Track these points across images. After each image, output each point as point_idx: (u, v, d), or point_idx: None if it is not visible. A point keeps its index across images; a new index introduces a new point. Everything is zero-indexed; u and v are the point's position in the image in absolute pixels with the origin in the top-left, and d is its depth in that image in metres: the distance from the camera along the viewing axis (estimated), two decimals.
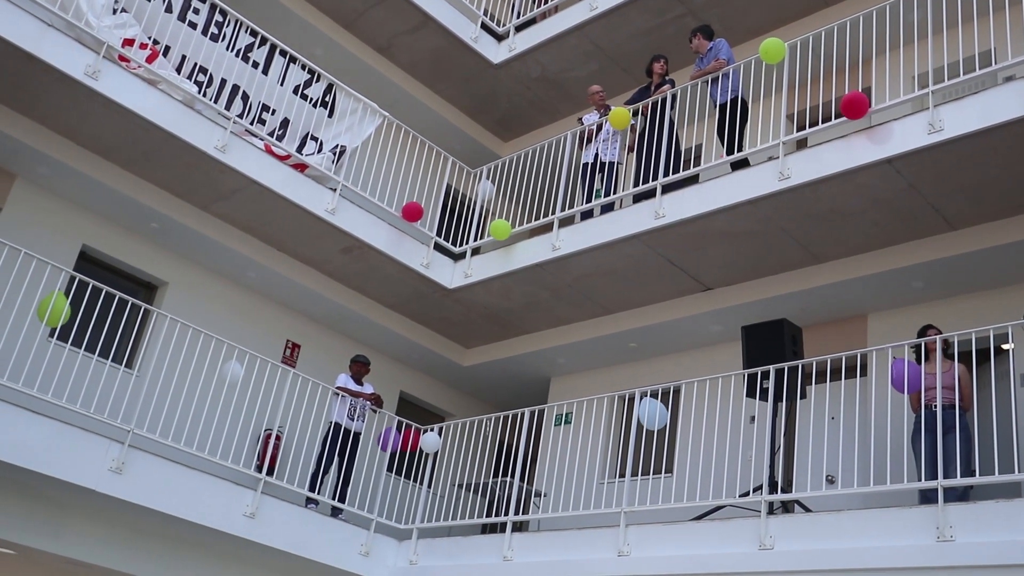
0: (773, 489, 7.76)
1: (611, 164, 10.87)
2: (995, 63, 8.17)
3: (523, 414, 9.80)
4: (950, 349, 8.08)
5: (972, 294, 9.09)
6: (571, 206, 10.83)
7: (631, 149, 10.93)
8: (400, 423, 10.67)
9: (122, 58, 9.18)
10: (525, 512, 10.21)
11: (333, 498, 10.02)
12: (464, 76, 13.20)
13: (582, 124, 11.17)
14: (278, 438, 10.52)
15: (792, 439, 9.16)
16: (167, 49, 9.65)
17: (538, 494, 11.02)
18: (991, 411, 7.07)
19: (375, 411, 10.57)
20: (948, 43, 9.28)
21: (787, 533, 7.24)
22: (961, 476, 7.11)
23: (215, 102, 9.86)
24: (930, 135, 7.82)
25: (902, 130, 8.05)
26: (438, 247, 11.52)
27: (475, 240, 11.53)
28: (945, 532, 6.38)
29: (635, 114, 10.49)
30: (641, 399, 8.66)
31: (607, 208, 10.43)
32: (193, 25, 9.87)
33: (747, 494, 7.99)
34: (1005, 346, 8.39)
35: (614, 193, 10.56)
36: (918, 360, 7.92)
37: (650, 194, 9.79)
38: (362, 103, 11.09)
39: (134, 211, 10.20)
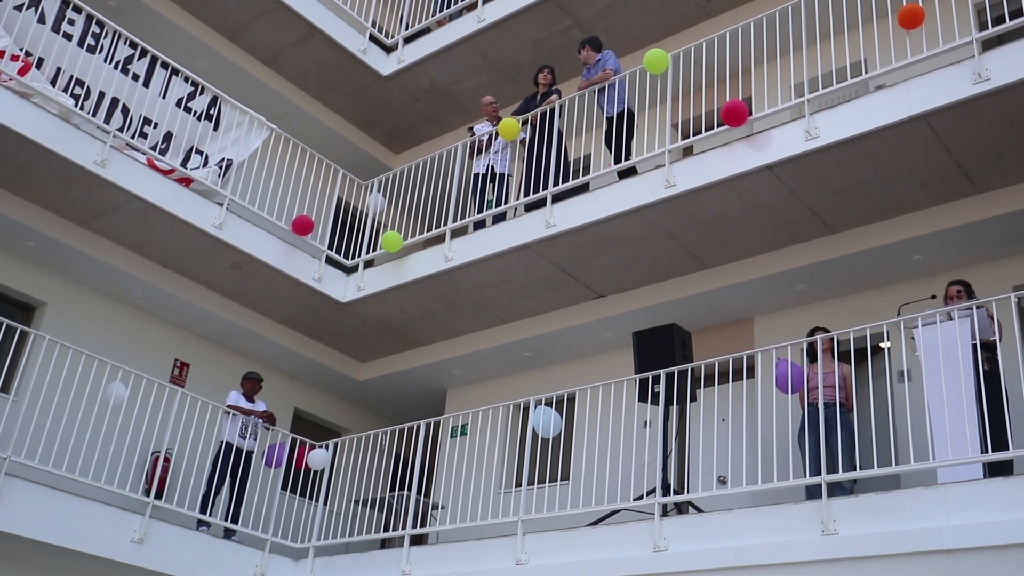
0: (666, 492, 7.88)
1: (502, 175, 10.90)
2: (866, 72, 8.50)
3: (419, 426, 9.74)
4: (840, 348, 8.33)
5: (852, 295, 9.42)
6: (463, 217, 10.84)
7: (520, 159, 11.00)
8: (293, 440, 10.50)
9: None
10: (423, 525, 10.14)
11: (225, 519, 9.79)
12: (353, 88, 13.10)
13: (472, 133, 11.19)
14: (167, 460, 10.23)
15: (684, 442, 9.32)
16: (40, 61, 9.31)
17: (436, 507, 10.96)
18: (870, 407, 7.31)
19: (268, 429, 10.36)
20: (823, 54, 9.59)
21: (680, 534, 7.35)
22: (844, 471, 7.34)
23: (93, 115, 9.55)
24: (807, 142, 8.08)
25: (781, 137, 8.30)
26: (330, 261, 11.39)
27: (367, 253, 11.43)
28: (829, 526, 6.57)
29: (524, 124, 10.55)
30: (535, 408, 8.69)
31: (499, 218, 10.47)
32: (68, 36, 9.56)
33: (641, 497, 8.09)
34: (883, 345, 8.70)
35: (506, 203, 10.60)
36: (809, 361, 8.15)
37: (541, 203, 9.87)
38: (248, 116, 10.90)
39: (9, 230, 9.80)
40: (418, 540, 9.74)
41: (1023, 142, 7.66)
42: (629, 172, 9.54)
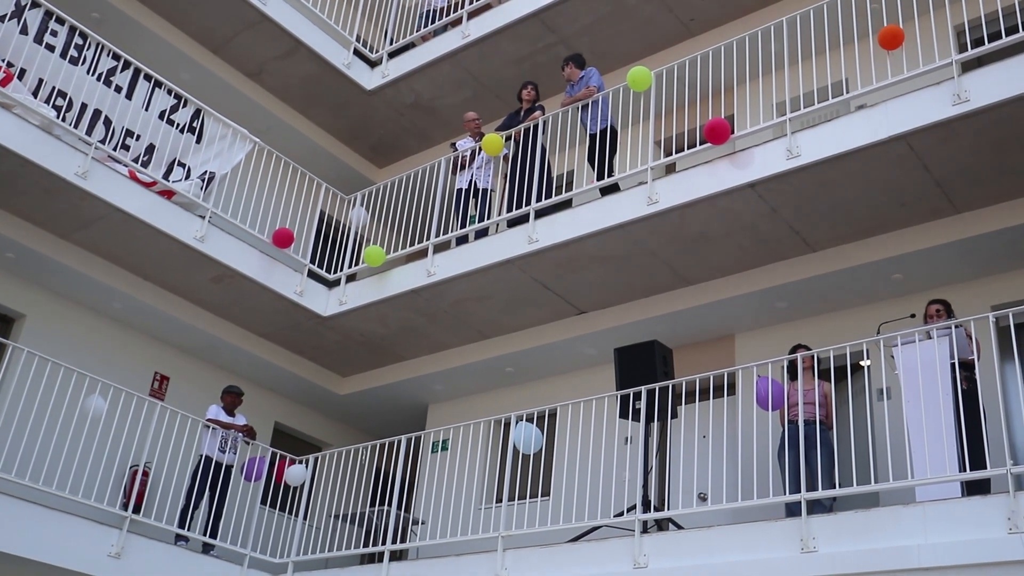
0: (647, 508, 7.88)
1: (485, 191, 10.92)
2: (848, 92, 8.57)
3: (399, 441, 9.72)
4: (820, 366, 8.37)
5: (832, 313, 9.46)
6: (446, 232, 10.85)
7: (503, 175, 11.02)
8: (273, 454, 10.44)
9: None
10: (403, 541, 10.10)
11: (204, 534, 9.72)
12: (337, 102, 13.11)
13: (455, 149, 11.21)
14: (145, 474, 10.15)
15: (665, 458, 9.33)
16: (22, 72, 9.27)
17: (416, 522, 10.92)
18: (849, 425, 7.34)
19: (248, 443, 10.31)
20: (805, 73, 9.69)
21: (660, 551, 7.35)
22: (823, 489, 7.36)
23: (75, 127, 9.51)
24: (788, 160, 8.13)
25: (763, 156, 8.35)
26: (312, 275, 11.36)
27: (350, 267, 11.41)
28: (808, 543, 6.59)
29: (507, 140, 10.59)
30: (516, 424, 8.69)
31: (481, 234, 10.48)
32: (51, 48, 9.51)
33: (621, 514, 8.09)
34: (863, 363, 8.76)
35: (488, 219, 10.62)
36: (788, 378, 8.18)
37: (524, 219, 9.89)
38: (231, 129, 10.88)
39: None
40: (398, 555, 9.71)
41: (1001, 163, 7.74)
42: (612, 189, 9.58)
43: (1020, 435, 7.65)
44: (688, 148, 9.18)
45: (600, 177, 9.73)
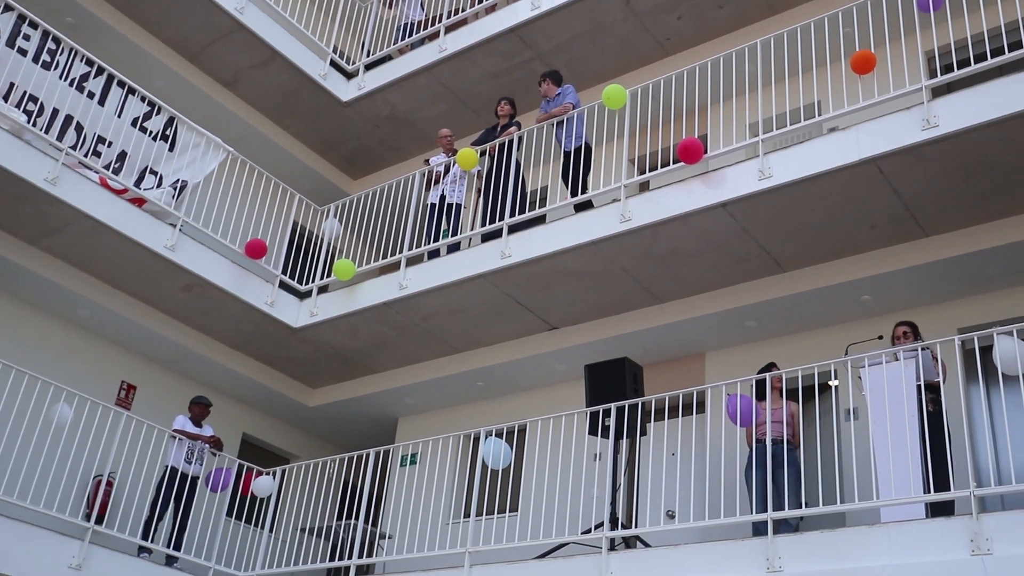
0: (615, 525, 7.88)
1: (457, 206, 10.91)
2: (820, 115, 8.65)
3: (368, 455, 9.67)
4: (789, 385, 8.41)
5: (801, 333, 9.51)
6: (419, 245, 10.83)
7: (477, 190, 11.03)
8: (240, 466, 10.35)
9: None
10: (370, 555, 10.03)
11: (168, 546, 9.61)
12: (313, 113, 13.08)
13: (428, 165, 11.21)
14: (109, 484, 10.03)
15: (634, 476, 9.33)
16: None
17: (383, 536, 10.85)
18: (816, 445, 7.38)
19: (215, 454, 10.22)
20: (778, 95, 9.77)
21: (627, 568, 7.34)
22: (790, 509, 7.39)
23: (46, 132, 9.41)
24: (760, 181, 8.19)
25: (735, 176, 8.41)
26: (284, 286, 11.30)
27: (322, 278, 11.36)
28: (774, 563, 6.60)
29: (482, 155, 10.60)
30: (486, 438, 8.67)
31: (454, 248, 10.47)
32: (23, 52, 9.43)
33: (589, 531, 8.08)
34: (831, 383, 8.80)
35: (460, 234, 10.62)
36: (756, 397, 8.22)
37: (497, 234, 9.90)
38: (205, 137, 10.82)
39: None
40: (364, 570, 9.65)
41: (969, 188, 7.84)
42: (585, 206, 9.61)
43: (984, 457, 7.71)
44: (662, 167, 9.22)
45: (574, 194, 9.76)
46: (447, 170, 10.98)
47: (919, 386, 6.92)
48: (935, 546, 6.07)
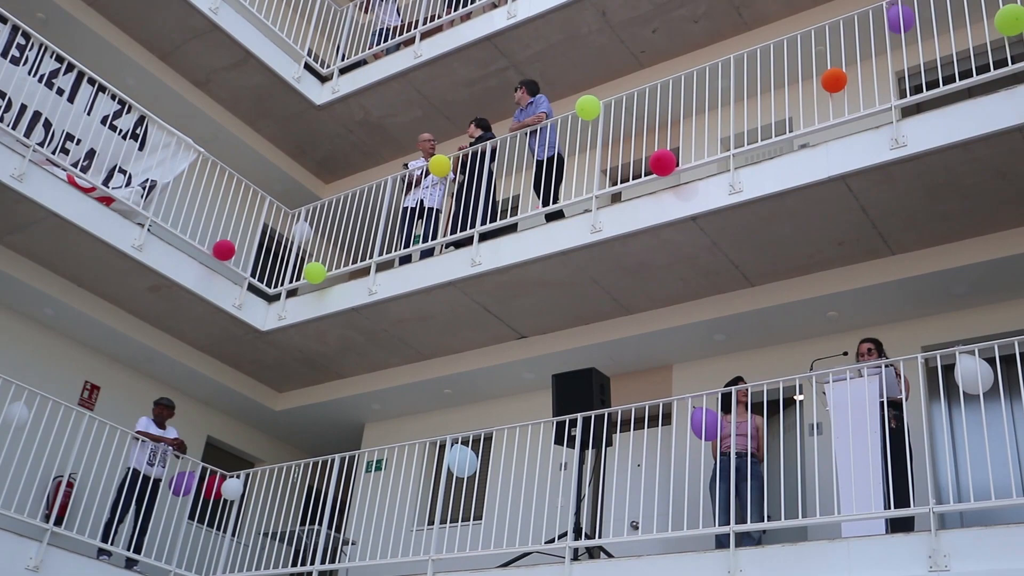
0: (578, 535, 7.88)
1: (434, 210, 10.89)
2: (791, 131, 8.73)
3: (333, 460, 9.61)
4: (754, 399, 8.46)
5: (768, 347, 9.58)
6: (390, 251, 10.80)
7: (451, 195, 11.02)
8: (204, 469, 10.26)
9: None
10: (333, 561, 9.97)
11: (128, 548, 9.50)
12: (285, 115, 13.02)
13: (407, 168, 11.18)
14: (70, 485, 9.91)
15: (599, 486, 9.34)
16: None
17: (347, 542, 10.79)
18: (780, 459, 7.43)
19: (178, 456, 10.12)
20: (750, 110, 9.84)
21: None
22: (753, 522, 7.43)
23: (13, 128, 9.29)
24: (730, 195, 8.25)
25: (706, 190, 8.46)
26: (252, 288, 11.23)
27: (291, 282, 11.30)
28: (736, 575, 6.63)
29: (456, 164, 10.59)
30: (452, 446, 8.65)
31: (426, 254, 10.46)
32: None
33: (553, 540, 8.08)
34: (796, 397, 8.88)
35: (434, 239, 10.60)
36: (722, 410, 8.26)
37: (468, 242, 9.89)
38: (176, 137, 10.73)
39: None
40: None
41: (935, 207, 7.93)
42: (557, 215, 9.63)
43: (944, 475, 7.80)
44: (634, 178, 9.26)
45: (545, 204, 9.78)
46: (427, 174, 10.93)
47: (882, 403, 6.99)
48: (894, 561, 6.13)
